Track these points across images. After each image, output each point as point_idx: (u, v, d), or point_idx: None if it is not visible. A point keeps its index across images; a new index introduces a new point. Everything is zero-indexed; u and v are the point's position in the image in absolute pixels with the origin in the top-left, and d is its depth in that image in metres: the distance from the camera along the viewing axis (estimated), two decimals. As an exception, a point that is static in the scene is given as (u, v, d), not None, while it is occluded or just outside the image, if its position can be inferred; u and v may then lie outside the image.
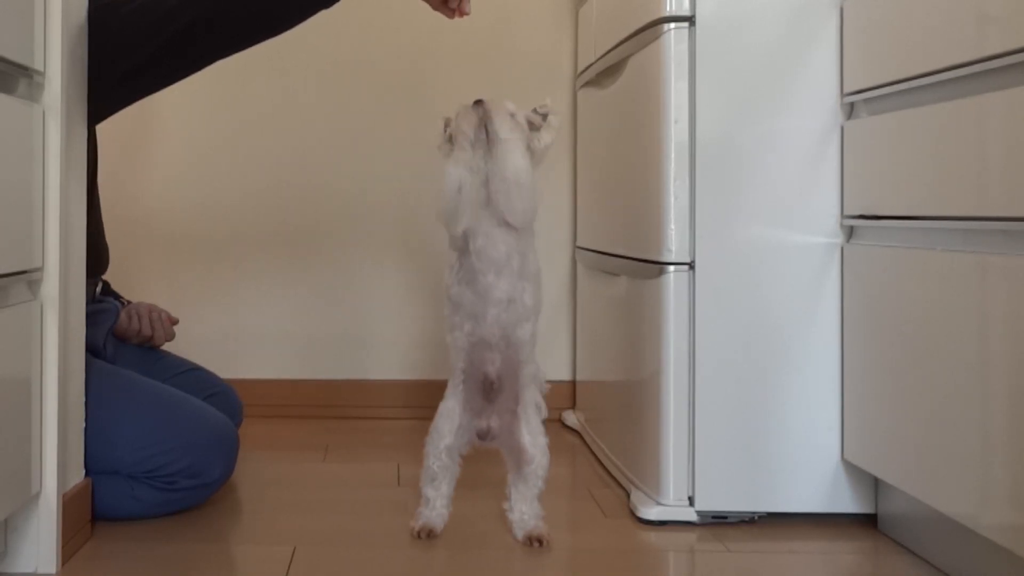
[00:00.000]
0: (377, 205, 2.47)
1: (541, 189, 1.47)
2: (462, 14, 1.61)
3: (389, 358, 2.47)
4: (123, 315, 1.88)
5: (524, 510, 1.50)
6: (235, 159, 2.47)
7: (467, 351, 1.48)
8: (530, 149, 1.48)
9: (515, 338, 1.47)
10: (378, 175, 2.46)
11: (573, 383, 2.46)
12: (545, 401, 1.54)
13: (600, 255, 2.10)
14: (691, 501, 1.62)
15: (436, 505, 1.51)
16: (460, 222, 1.43)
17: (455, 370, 1.51)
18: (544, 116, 1.51)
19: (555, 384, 2.44)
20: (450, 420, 1.51)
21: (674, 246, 1.62)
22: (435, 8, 1.61)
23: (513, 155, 1.43)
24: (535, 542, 1.47)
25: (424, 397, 2.26)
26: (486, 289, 1.45)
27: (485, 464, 1.57)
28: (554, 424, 2.39)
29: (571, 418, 2.37)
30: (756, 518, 1.63)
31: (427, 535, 1.50)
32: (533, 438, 1.49)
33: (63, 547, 1.38)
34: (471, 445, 1.54)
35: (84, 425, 1.49)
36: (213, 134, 2.47)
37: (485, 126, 1.44)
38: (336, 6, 1.55)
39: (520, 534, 1.50)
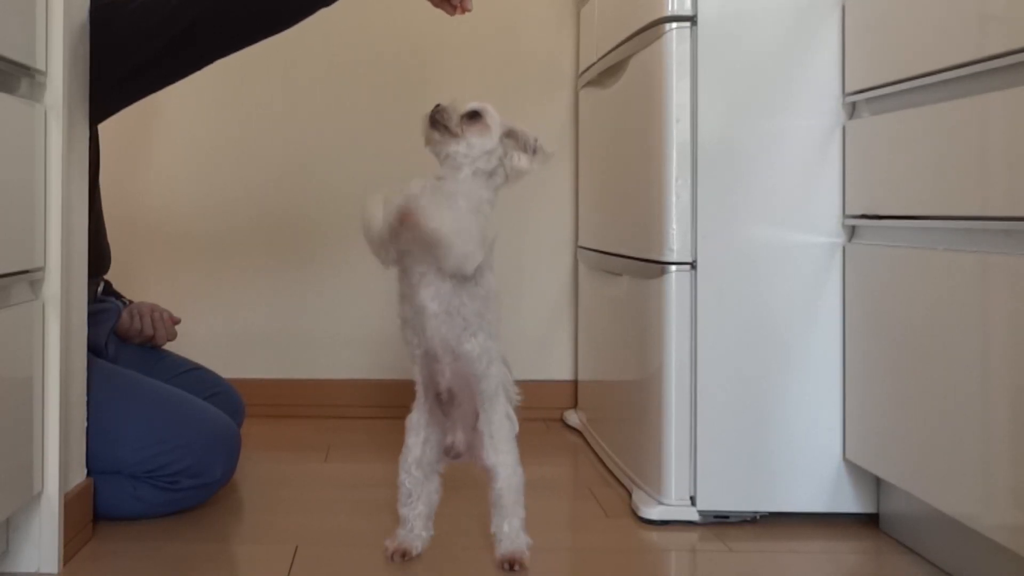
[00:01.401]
0: (379, 205, 2.46)
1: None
2: (464, 10, 1.60)
3: (391, 358, 2.46)
4: (125, 315, 1.88)
5: (501, 529, 1.41)
6: (236, 159, 2.47)
7: (419, 364, 1.43)
8: (502, 165, 1.41)
9: (462, 352, 1.38)
10: (380, 175, 2.45)
11: (575, 382, 2.46)
12: (516, 413, 1.44)
13: (602, 255, 2.09)
14: (693, 501, 1.62)
15: (414, 526, 1.44)
16: (377, 254, 1.39)
17: (416, 382, 1.46)
18: (534, 144, 1.42)
19: (557, 383, 2.47)
20: (415, 433, 1.45)
21: (676, 246, 1.62)
22: (436, 5, 1.60)
23: (446, 203, 1.36)
24: (506, 564, 1.39)
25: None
26: (420, 303, 1.38)
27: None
28: (556, 423, 2.40)
29: (573, 417, 2.37)
30: (758, 518, 1.63)
31: (400, 557, 1.43)
32: (497, 455, 1.40)
33: (65, 547, 1.38)
34: (444, 462, 1.47)
35: (86, 425, 1.49)
36: (214, 134, 2.47)
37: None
38: (336, 4, 1.54)
39: (497, 555, 1.41)
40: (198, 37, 1.52)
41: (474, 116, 1.41)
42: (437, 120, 1.41)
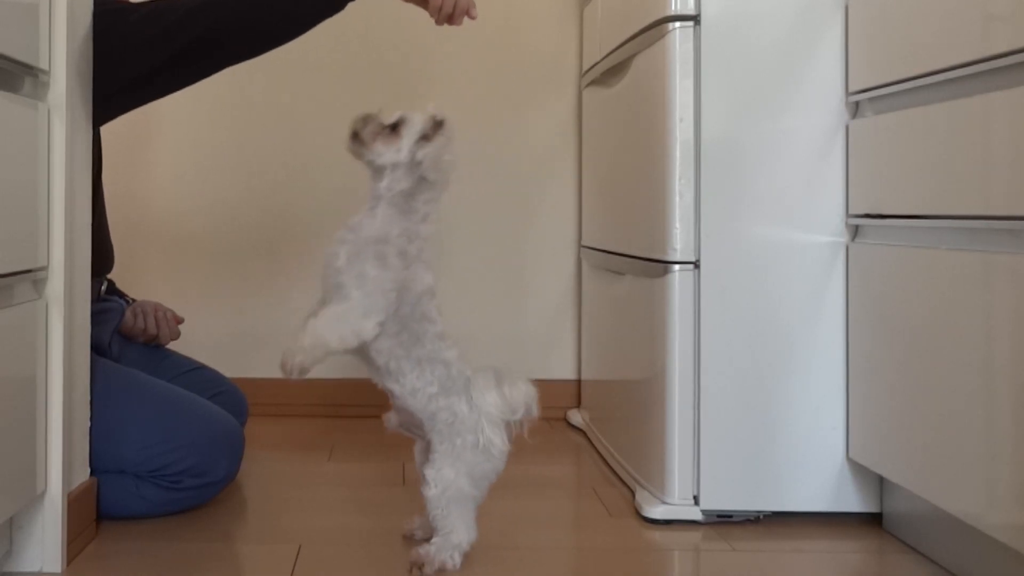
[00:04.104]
0: (382, 204, 2.46)
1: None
2: (452, 23, 1.62)
3: (394, 357, 2.46)
4: (128, 314, 1.88)
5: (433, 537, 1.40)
6: (240, 159, 2.47)
7: None
8: (424, 178, 1.37)
9: (391, 388, 1.46)
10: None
11: (578, 382, 2.46)
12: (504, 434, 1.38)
13: (605, 254, 2.09)
14: (696, 500, 1.62)
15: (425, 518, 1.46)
16: None
17: None
18: (426, 126, 1.36)
19: (560, 383, 2.46)
20: (416, 440, 1.50)
21: (679, 245, 1.62)
22: (430, 13, 1.63)
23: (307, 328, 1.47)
24: (412, 567, 1.37)
25: (429, 396, 2.26)
26: None
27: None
28: (559, 423, 2.40)
29: (576, 417, 2.37)
30: (761, 517, 1.63)
31: (407, 537, 1.50)
32: (428, 468, 1.38)
33: (68, 546, 1.38)
34: None
35: (89, 424, 1.50)
36: (218, 134, 2.47)
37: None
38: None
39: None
40: (205, 47, 1.50)
41: (395, 126, 1.39)
42: (355, 130, 1.41)
